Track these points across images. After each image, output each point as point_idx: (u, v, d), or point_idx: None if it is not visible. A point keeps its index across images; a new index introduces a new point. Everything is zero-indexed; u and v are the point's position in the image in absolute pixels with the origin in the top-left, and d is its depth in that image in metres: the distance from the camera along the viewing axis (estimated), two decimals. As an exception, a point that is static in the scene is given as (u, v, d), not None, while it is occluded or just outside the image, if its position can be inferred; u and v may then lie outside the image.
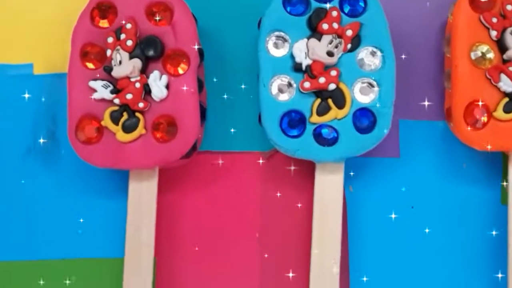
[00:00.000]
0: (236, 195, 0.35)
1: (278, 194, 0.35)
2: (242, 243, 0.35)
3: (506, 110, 0.32)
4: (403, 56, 0.35)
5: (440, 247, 0.34)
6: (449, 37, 0.34)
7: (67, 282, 0.34)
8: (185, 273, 0.34)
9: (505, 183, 0.34)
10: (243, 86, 0.35)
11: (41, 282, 0.34)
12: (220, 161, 0.35)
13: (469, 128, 0.32)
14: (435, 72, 0.35)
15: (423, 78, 0.35)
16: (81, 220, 0.34)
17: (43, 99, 0.36)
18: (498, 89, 0.32)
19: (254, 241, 0.34)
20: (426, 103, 0.35)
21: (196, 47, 0.33)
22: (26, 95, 0.35)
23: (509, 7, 0.32)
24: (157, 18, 0.32)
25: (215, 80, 0.35)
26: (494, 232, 0.34)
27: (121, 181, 0.34)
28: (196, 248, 0.34)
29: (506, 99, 0.32)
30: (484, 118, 0.32)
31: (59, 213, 0.35)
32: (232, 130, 0.35)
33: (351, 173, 0.34)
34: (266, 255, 0.34)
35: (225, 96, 0.35)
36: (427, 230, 0.34)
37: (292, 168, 0.35)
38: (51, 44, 0.35)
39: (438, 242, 0.35)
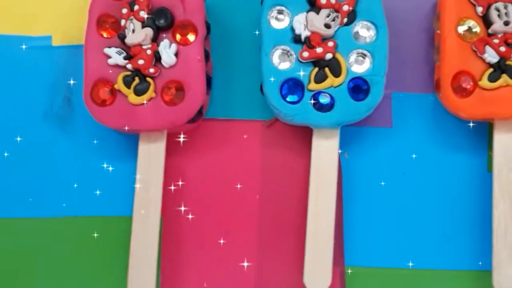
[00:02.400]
0: (238, 159, 0.37)
1: (277, 159, 0.37)
2: (243, 204, 0.37)
3: (491, 79, 0.34)
4: (396, 34, 0.37)
5: (430, 211, 0.37)
6: (439, 14, 0.36)
7: (79, 239, 0.36)
8: (189, 231, 0.37)
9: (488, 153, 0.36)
10: (246, 59, 0.38)
11: (54, 238, 0.36)
12: (224, 128, 0.37)
13: (456, 96, 0.34)
14: (426, 48, 0.38)
15: (414, 53, 0.38)
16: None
17: (60, 69, 0.38)
18: (483, 60, 0.35)
19: (255, 202, 0.37)
20: (417, 76, 0.37)
21: (204, 18, 0.35)
22: (45, 65, 0.38)
23: (494, -15, 0.35)
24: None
25: (220, 53, 0.38)
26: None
27: (131, 144, 0.37)
28: (206, 211, 0.36)
29: (491, 70, 0.35)
30: (470, 86, 0.34)
31: (73, 173, 0.37)
32: (235, 99, 0.37)
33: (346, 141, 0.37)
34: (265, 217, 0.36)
35: (229, 67, 0.38)
36: (417, 195, 0.37)
37: (291, 134, 0.37)
38: (68, 17, 0.38)
39: (427, 206, 0.37)
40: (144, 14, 0.35)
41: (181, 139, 0.36)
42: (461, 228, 0.36)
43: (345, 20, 0.35)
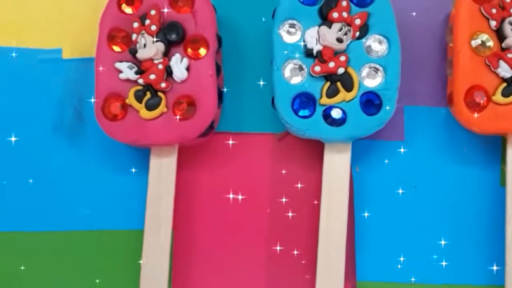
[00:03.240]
0: (249, 173, 0.37)
1: (288, 173, 0.37)
2: (254, 218, 0.37)
3: (504, 94, 0.34)
4: (409, 47, 0.37)
5: (442, 226, 0.36)
6: (452, 27, 0.36)
7: (90, 253, 0.36)
8: (201, 244, 0.37)
9: (502, 167, 0.36)
10: (258, 72, 0.38)
11: (65, 251, 0.36)
12: (235, 142, 0.37)
13: (469, 111, 0.34)
14: (438, 61, 0.38)
15: (427, 67, 0.38)
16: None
17: (70, 82, 0.38)
18: (497, 75, 0.34)
19: (266, 216, 0.37)
20: (430, 90, 0.37)
21: (215, 32, 0.35)
22: (55, 78, 0.38)
23: (507, -1, 0.35)
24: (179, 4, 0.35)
25: (231, 66, 0.38)
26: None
27: (142, 158, 0.37)
28: (217, 225, 0.35)
29: (505, 84, 0.34)
30: (483, 101, 0.34)
31: (84, 187, 0.37)
32: (247, 112, 0.37)
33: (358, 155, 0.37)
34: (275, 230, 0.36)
35: (241, 80, 0.38)
36: (429, 209, 0.36)
37: (302, 148, 0.37)
38: (79, 30, 0.38)
39: (440, 221, 0.36)
40: (155, 29, 0.35)
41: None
42: (474, 243, 0.36)
43: (357, 34, 0.35)
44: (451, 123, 0.37)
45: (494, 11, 0.35)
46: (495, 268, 0.36)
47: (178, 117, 0.34)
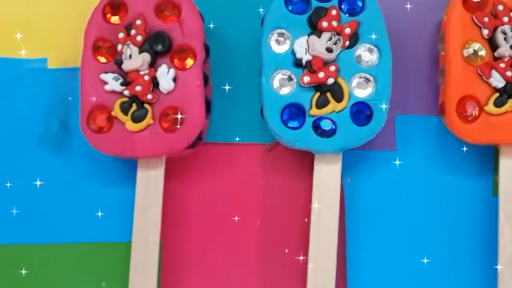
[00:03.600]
0: (238, 184, 0.36)
1: (278, 184, 0.36)
2: (244, 230, 0.36)
3: (497, 104, 0.34)
4: (400, 55, 0.36)
5: (434, 235, 0.36)
6: (443, 35, 0.35)
7: (76, 265, 0.36)
8: (189, 257, 0.36)
9: (494, 176, 0.35)
10: (246, 82, 0.37)
11: (51, 264, 0.36)
12: (224, 152, 0.37)
13: (461, 121, 0.34)
14: (430, 70, 0.37)
15: (418, 75, 0.37)
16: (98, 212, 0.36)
17: (56, 92, 0.37)
18: (489, 84, 0.34)
19: (256, 228, 0.36)
20: (421, 99, 0.37)
21: (203, 42, 0.34)
22: (40, 88, 0.37)
23: (500, 7, 0.34)
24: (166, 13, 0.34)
25: (219, 75, 0.37)
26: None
27: (129, 170, 0.36)
28: (205, 237, 0.35)
29: (497, 94, 0.34)
30: (475, 112, 0.34)
31: (70, 199, 0.36)
32: (235, 122, 0.37)
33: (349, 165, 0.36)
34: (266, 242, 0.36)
35: (229, 90, 0.37)
36: (421, 220, 0.36)
37: (292, 159, 0.37)
38: (64, 40, 0.37)
39: (432, 231, 0.36)
40: (141, 39, 0.34)
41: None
42: (466, 253, 0.36)
43: (347, 43, 0.35)
44: (443, 132, 0.36)
45: (486, 19, 0.34)
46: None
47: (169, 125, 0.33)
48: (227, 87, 0.36)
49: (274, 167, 0.37)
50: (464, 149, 0.36)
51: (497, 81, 0.34)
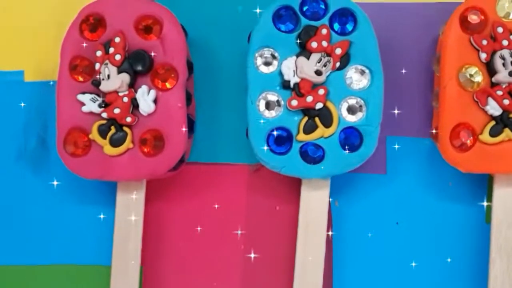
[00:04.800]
0: (222, 206, 0.35)
1: (264, 206, 0.35)
2: (227, 255, 0.35)
3: (492, 133, 0.32)
4: (392, 73, 0.35)
5: (424, 263, 0.35)
6: (439, 57, 0.33)
7: (53, 286, 0.35)
8: (171, 282, 0.35)
9: (487, 203, 0.34)
10: (232, 98, 0.35)
11: (28, 287, 0.35)
12: (208, 173, 0.35)
13: (454, 150, 0.32)
14: (424, 89, 0.35)
15: (412, 95, 0.35)
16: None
17: (33, 106, 0.36)
18: (485, 112, 0.32)
19: (240, 252, 0.35)
20: (414, 120, 0.35)
21: (185, 61, 0.33)
22: (17, 102, 0.36)
23: (499, 30, 0.32)
24: (146, 30, 0.32)
25: (204, 92, 0.35)
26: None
27: (110, 190, 0.35)
28: (188, 261, 0.34)
29: (493, 123, 0.32)
30: (470, 141, 0.32)
31: (48, 219, 0.35)
32: (220, 142, 0.35)
33: (337, 188, 0.35)
34: (251, 268, 0.35)
35: (214, 108, 0.35)
36: (411, 247, 0.35)
37: (279, 181, 0.35)
38: (42, 52, 0.36)
39: (421, 258, 0.35)
40: (120, 58, 0.32)
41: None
42: (456, 281, 0.35)
43: (338, 64, 0.33)
44: (435, 155, 0.34)
45: (484, 42, 0.32)
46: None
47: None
48: (212, 107, 0.35)
49: (260, 189, 0.35)
50: (458, 173, 0.34)
51: (494, 109, 0.32)
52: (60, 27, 0.34)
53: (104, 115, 0.32)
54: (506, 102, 0.32)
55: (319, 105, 0.33)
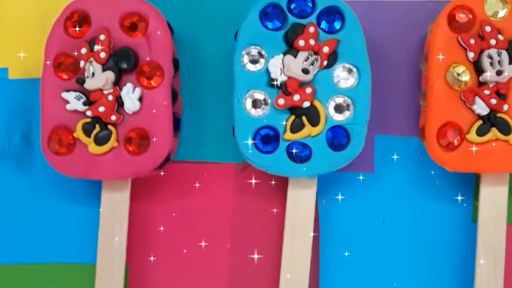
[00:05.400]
0: (208, 205, 0.35)
1: (251, 205, 0.35)
2: (213, 253, 0.35)
3: (479, 133, 0.32)
4: (380, 72, 0.35)
5: (410, 262, 0.35)
6: (426, 56, 0.33)
7: (38, 285, 0.34)
8: (156, 279, 0.35)
9: (473, 202, 0.34)
10: (219, 96, 0.35)
11: (12, 286, 0.35)
12: (194, 171, 0.35)
13: (441, 149, 0.32)
14: (411, 88, 0.35)
15: (399, 94, 0.35)
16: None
17: (17, 104, 0.35)
18: (473, 111, 0.32)
19: (226, 251, 0.35)
20: (402, 118, 0.35)
21: (171, 59, 0.32)
22: (0, 99, 0.35)
23: (487, 29, 0.32)
24: (132, 27, 0.32)
25: (190, 89, 0.35)
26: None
27: (94, 188, 0.35)
28: (174, 259, 0.34)
29: (480, 122, 0.32)
30: (457, 140, 0.32)
31: (32, 217, 0.35)
32: (206, 140, 0.35)
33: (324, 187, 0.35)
34: (236, 265, 0.34)
35: (200, 106, 0.35)
36: (397, 245, 0.35)
37: (265, 179, 0.35)
38: (26, 49, 0.35)
39: (408, 257, 0.35)
40: (104, 56, 0.32)
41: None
42: (442, 280, 0.35)
43: (325, 62, 0.33)
44: (423, 154, 0.34)
45: (472, 41, 0.32)
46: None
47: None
48: (199, 104, 0.35)
49: (247, 187, 0.35)
50: (445, 172, 0.34)
51: (481, 108, 0.32)
52: (44, 24, 0.34)
53: (89, 113, 0.32)
54: (493, 101, 0.32)
55: (306, 104, 0.32)
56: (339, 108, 0.33)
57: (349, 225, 0.35)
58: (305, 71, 0.32)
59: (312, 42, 0.32)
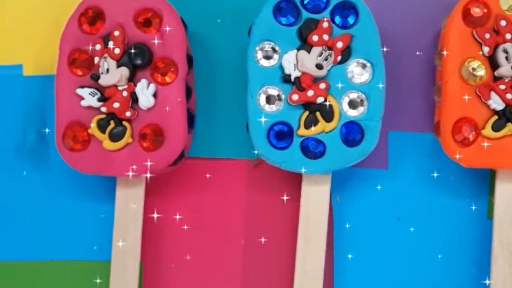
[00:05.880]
0: (222, 202, 0.35)
1: (265, 202, 0.35)
2: (228, 250, 0.35)
3: (495, 128, 0.32)
4: (394, 67, 0.35)
5: (425, 259, 0.35)
6: (441, 51, 0.33)
7: (54, 284, 0.35)
8: (171, 278, 0.35)
9: (489, 199, 0.34)
10: (232, 92, 0.35)
11: (27, 283, 0.35)
12: (208, 168, 0.35)
13: (456, 145, 0.32)
14: (426, 84, 0.35)
15: (413, 89, 0.35)
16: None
17: (32, 101, 0.36)
18: (488, 106, 0.32)
19: (240, 248, 0.35)
20: (416, 114, 0.35)
21: (185, 55, 0.32)
22: (16, 96, 0.36)
23: (502, 23, 0.32)
24: (146, 23, 0.32)
25: (204, 86, 0.35)
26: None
27: (109, 184, 0.35)
28: (188, 257, 0.34)
29: (495, 117, 0.32)
30: (472, 136, 0.32)
31: (47, 214, 0.35)
32: (220, 136, 0.35)
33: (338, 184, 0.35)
34: (250, 262, 0.34)
35: (214, 103, 0.35)
36: (412, 242, 0.35)
37: (279, 176, 0.35)
38: (40, 46, 0.35)
39: (423, 254, 0.35)
40: (119, 52, 0.32)
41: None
42: (458, 277, 0.35)
43: (339, 58, 0.32)
44: (437, 150, 0.34)
45: (487, 36, 0.32)
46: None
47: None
48: (213, 101, 0.35)
49: (260, 183, 0.35)
50: (459, 169, 0.34)
51: (496, 103, 0.32)
52: (59, 21, 0.34)
53: (103, 109, 0.32)
54: (509, 96, 0.31)
55: (320, 99, 0.32)
56: (353, 104, 0.33)
57: (364, 222, 0.35)
58: (319, 66, 0.32)
59: (325, 37, 0.32)
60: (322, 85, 0.32)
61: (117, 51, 0.32)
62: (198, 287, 0.35)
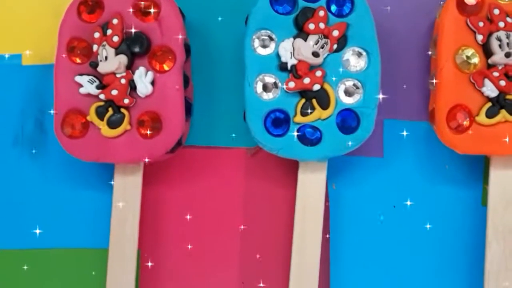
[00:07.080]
0: (220, 190, 0.35)
1: (262, 190, 0.35)
2: (225, 238, 0.35)
3: (489, 115, 0.32)
4: (389, 55, 0.35)
5: (421, 246, 0.35)
6: (435, 39, 0.34)
7: (52, 272, 0.35)
8: (168, 265, 0.35)
9: (483, 185, 0.34)
10: (229, 81, 0.35)
11: (25, 271, 0.35)
12: (205, 156, 0.35)
13: (451, 132, 0.32)
14: (420, 73, 0.35)
15: (408, 78, 0.35)
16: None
17: (31, 90, 0.36)
18: (482, 93, 0.33)
19: (238, 235, 0.35)
20: (411, 103, 0.35)
21: (183, 43, 0.33)
22: (15, 85, 0.36)
23: (496, 11, 0.32)
24: (144, 12, 0.32)
25: (201, 75, 0.36)
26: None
27: (107, 172, 0.35)
28: (185, 244, 0.34)
29: (489, 104, 0.32)
30: (466, 122, 0.32)
31: (45, 202, 0.35)
32: (218, 125, 0.35)
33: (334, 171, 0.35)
34: (248, 249, 0.35)
35: (211, 91, 0.35)
36: (408, 229, 0.35)
37: (276, 164, 0.35)
38: (39, 36, 0.36)
39: (418, 240, 0.35)
40: (117, 40, 0.32)
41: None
42: (452, 264, 0.35)
43: (335, 46, 0.33)
44: (432, 138, 0.35)
45: (481, 24, 0.32)
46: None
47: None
48: (210, 89, 0.35)
49: (258, 172, 0.35)
50: (454, 156, 0.35)
51: (490, 90, 0.32)
52: (57, 11, 0.34)
53: (102, 96, 0.32)
54: (502, 83, 0.32)
55: (316, 87, 0.33)
56: (349, 92, 0.33)
57: (359, 209, 0.35)
58: (315, 54, 0.32)
59: (322, 25, 0.33)
60: (318, 73, 0.33)
61: (116, 39, 0.32)
62: (196, 274, 0.35)
